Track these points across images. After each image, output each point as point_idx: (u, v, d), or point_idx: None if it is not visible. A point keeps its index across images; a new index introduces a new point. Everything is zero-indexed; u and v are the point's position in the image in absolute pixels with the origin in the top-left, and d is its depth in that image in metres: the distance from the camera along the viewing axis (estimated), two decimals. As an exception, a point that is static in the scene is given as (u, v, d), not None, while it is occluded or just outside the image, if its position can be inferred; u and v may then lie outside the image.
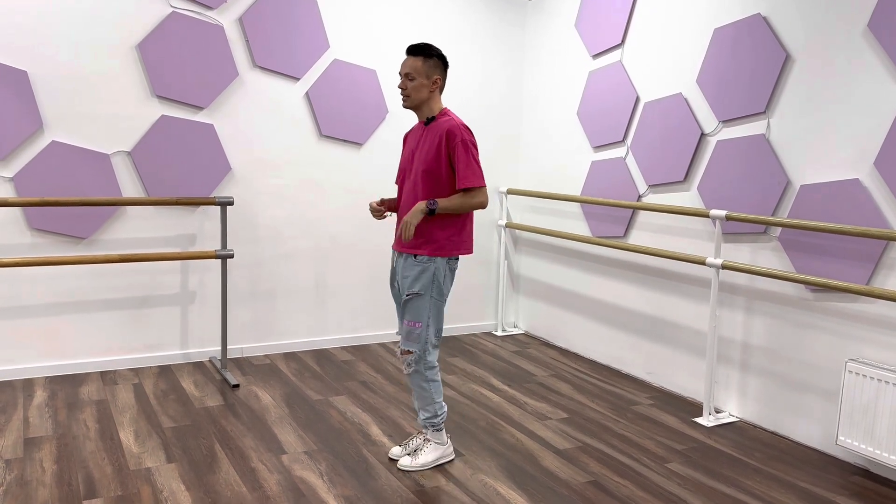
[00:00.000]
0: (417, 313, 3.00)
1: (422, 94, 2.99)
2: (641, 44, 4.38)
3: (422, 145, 3.02)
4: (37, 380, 4.06)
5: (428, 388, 3.06)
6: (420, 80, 2.97)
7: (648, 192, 4.37)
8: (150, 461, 3.08)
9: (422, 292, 2.98)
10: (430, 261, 2.98)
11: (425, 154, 2.99)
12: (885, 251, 3.15)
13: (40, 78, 3.95)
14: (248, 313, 4.65)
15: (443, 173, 2.97)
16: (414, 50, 2.99)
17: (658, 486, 3.02)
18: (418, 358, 3.03)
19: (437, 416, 3.10)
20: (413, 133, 3.15)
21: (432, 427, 3.12)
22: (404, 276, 3.02)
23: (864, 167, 3.21)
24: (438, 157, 2.96)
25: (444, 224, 2.98)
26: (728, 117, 3.82)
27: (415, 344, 3.02)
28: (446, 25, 5.08)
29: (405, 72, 2.98)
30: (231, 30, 4.38)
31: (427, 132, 3.04)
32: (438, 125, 3.00)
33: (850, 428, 3.19)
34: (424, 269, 2.98)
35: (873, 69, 3.17)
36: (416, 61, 2.96)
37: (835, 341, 3.37)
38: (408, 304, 3.01)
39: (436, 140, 2.97)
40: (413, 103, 3.01)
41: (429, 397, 3.08)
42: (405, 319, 3.04)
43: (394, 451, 3.22)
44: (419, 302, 2.99)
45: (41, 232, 4.05)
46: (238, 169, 4.51)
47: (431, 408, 3.09)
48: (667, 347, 4.29)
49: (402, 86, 3.00)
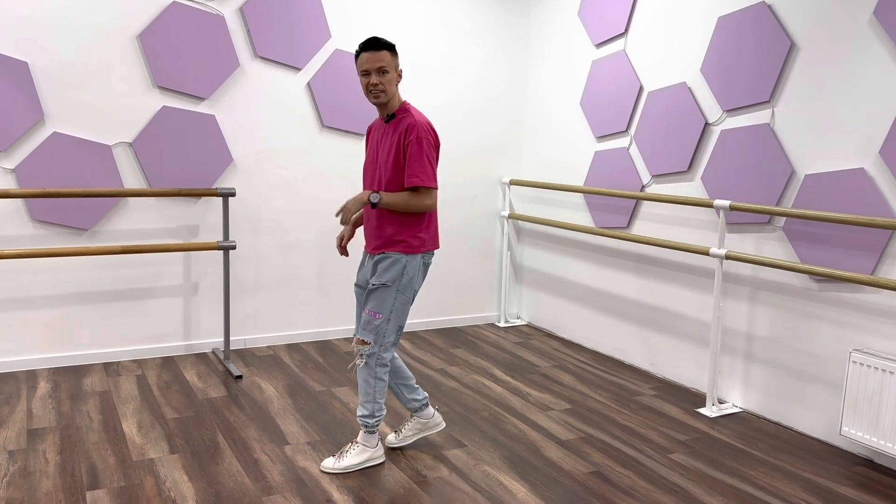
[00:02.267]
0: (380, 304, 2.92)
1: (394, 87, 2.89)
2: (645, 33, 4.35)
3: (383, 144, 2.95)
4: (40, 371, 4.07)
5: (373, 384, 2.97)
6: (392, 73, 2.87)
7: (652, 182, 4.35)
8: (153, 452, 3.08)
9: (388, 283, 2.90)
10: (400, 257, 2.91)
11: (386, 153, 2.91)
12: (889, 241, 3.13)
13: (41, 69, 3.94)
14: (250, 304, 4.65)
15: (401, 172, 2.88)
16: (380, 44, 2.82)
17: (661, 476, 3.02)
18: (372, 352, 2.95)
19: (374, 417, 2.99)
20: (375, 129, 3.05)
21: (365, 428, 3.01)
22: (375, 270, 2.96)
23: (870, 156, 3.19)
24: (398, 155, 2.87)
25: (403, 224, 2.91)
26: (732, 106, 3.79)
27: (371, 334, 2.93)
28: (449, 15, 5.05)
29: (378, 66, 2.81)
30: (232, 20, 4.36)
31: (388, 129, 2.94)
32: (400, 121, 2.90)
33: (853, 418, 3.18)
34: (395, 262, 2.91)
35: (879, 58, 3.14)
36: (385, 54, 2.82)
37: (839, 331, 3.36)
38: (372, 293, 2.92)
39: (396, 137, 2.89)
40: (388, 98, 2.88)
41: (371, 394, 2.97)
42: (367, 308, 2.94)
43: (389, 439, 3.22)
44: (384, 293, 2.91)
45: (43, 223, 4.05)
46: (240, 160, 4.50)
47: (370, 406, 2.98)
48: (670, 338, 4.28)
49: (376, 82, 2.82)
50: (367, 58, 2.82)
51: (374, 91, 2.85)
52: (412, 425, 3.22)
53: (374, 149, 3.01)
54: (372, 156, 3.02)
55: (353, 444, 3.01)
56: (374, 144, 3.02)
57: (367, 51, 2.83)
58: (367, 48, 2.83)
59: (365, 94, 2.90)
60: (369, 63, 2.82)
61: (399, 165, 2.88)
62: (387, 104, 2.92)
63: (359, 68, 2.86)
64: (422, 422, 3.22)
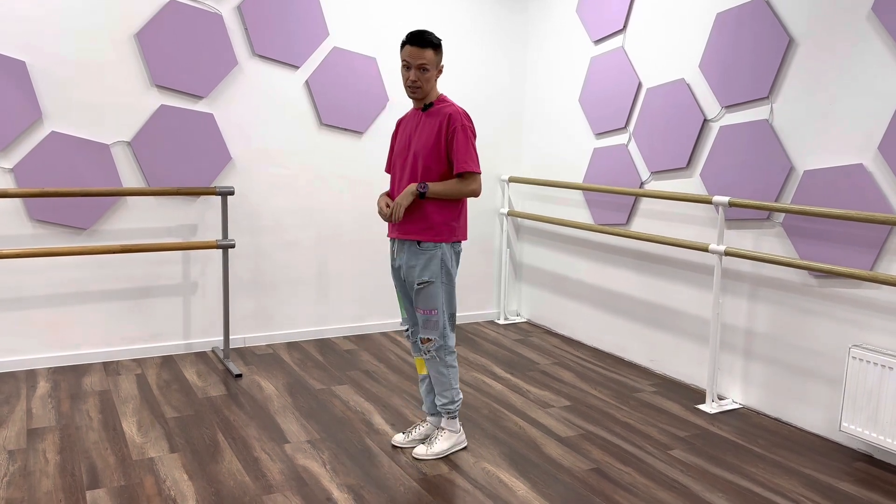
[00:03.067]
0: (431, 301, 2.99)
1: (432, 83, 2.95)
2: (643, 29, 4.35)
3: (420, 131, 2.98)
4: (39, 371, 4.07)
5: (447, 373, 3.07)
6: (432, 71, 2.92)
7: (651, 178, 4.34)
8: (152, 451, 3.08)
9: (432, 280, 2.97)
10: (436, 247, 2.96)
11: (425, 140, 2.95)
12: (889, 237, 3.13)
13: (39, 68, 3.93)
14: (250, 303, 4.64)
15: (442, 159, 2.95)
16: (425, 41, 2.87)
17: (661, 472, 3.02)
18: (439, 345, 3.03)
19: (454, 403, 3.11)
20: (408, 120, 3.10)
21: (448, 414, 3.12)
22: (410, 266, 3.00)
23: (869, 152, 3.19)
24: (438, 142, 2.93)
25: (441, 209, 2.96)
26: (731, 103, 3.79)
27: (433, 331, 3.02)
28: (447, 12, 5.04)
29: (419, 63, 2.87)
30: (230, 18, 4.35)
31: (426, 118, 2.99)
32: (438, 111, 2.97)
33: (853, 414, 3.18)
34: (431, 257, 2.96)
35: (877, 53, 3.14)
36: (429, 52, 2.88)
37: (838, 327, 3.36)
38: (420, 293, 2.99)
39: (436, 125, 2.94)
40: (424, 94, 2.95)
41: (447, 383, 3.08)
42: (420, 308, 3.02)
43: (396, 438, 3.22)
44: (431, 290, 2.98)
45: (42, 223, 4.04)
46: (238, 158, 4.49)
47: (449, 393, 3.09)
48: (669, 334, 4.28)
49: (414, 78, 2.89)
50: (410, 52, 2.88)
51: (412, 86, 2.91)
52: (423, 430, 3.22)
53: (406, 138, 3.04)
54: (404, 144, 3.04)
55: (440, 431, 3.13)
56: (405, 134, 3.06)
57: (412, 45, 2.88)
58: (413, 42, 2.87)
59: (404, 85, 2.96)
60: (411, 58, 2.88)
61: (439, 152, 2.93)
62: (424, 97, 2.98)
63: (402, 58, 2.92)
64: (433, 428, 3.23)
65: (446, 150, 2.94)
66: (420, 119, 3.02)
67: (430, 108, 3.00)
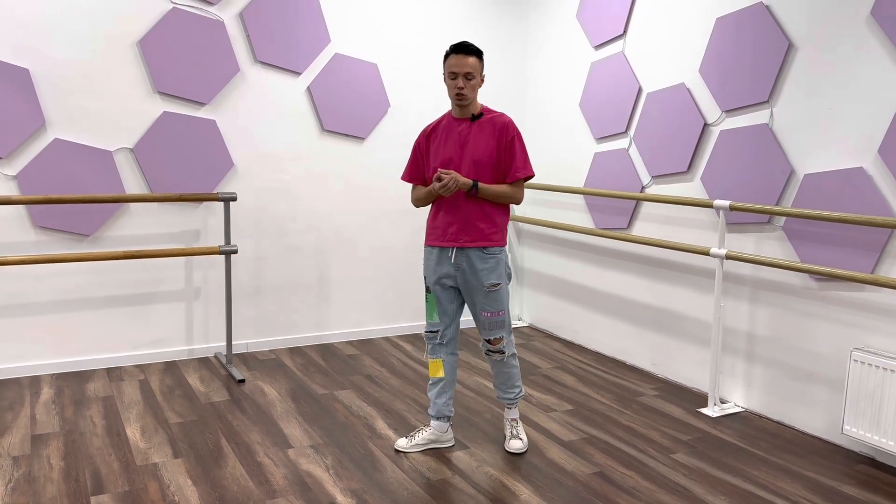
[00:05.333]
0: (500, 302, 3.11)
1: (476, 91, 3.04)
2: (643, 34, 4.36)
3: (475, 141, 3.05)
4: (43, 377, 4.08)
5: (516, 364, 3.25)
6: (477, 79, 3.01)
7: (652, 182, 4.36)
8: (156, 456, 3.09)
9: (499, 282, 3.09)
10: (500, 251, 3.10)
11: (483, 149, 3.03)
12: (889, 239, 3.14)
13: (42, 76, 3.96)
14: (252, 308, 4.66)
15: (500, 167, 3.06)
16: (469, 49, 2.98)
17: (664, 476, 3.02)
18: (508, 342, 3.17)
19: (522, 391, 3.31)
20: (446, 130, 3.11)
21: (516, 403, 3.30)
22: (478, 271, 3.06)
23: (869, 155, 3.20)
24: (498, 151, 3.04)
25: (501, 215, 3.11)
26: (731, 107, 3.80)
27: (502, 330, 3.15)
28: (448, 17, 5.07)
29: (466, 71, 2.95)
30: (232, 25, 4.37)
31: (477, 128, 3.06)
32: (489, 121, 3.06)
33: (855, 417, 3.18)
34: (498, 261, 3.09)
35: (877, 57, 3.15)
36: (474, 60, 2.97)
37: (840, 330, 3.37)
38: (489, 296, 3.09)
39: (493, 135, 3.04)
40: (468, 102, 3.02)
41: (516, 374, 3.25)
42: (488, 311, 3.10)
43: (399, 443, 3.23)
44: (500, 292, 3.11)
45: (45, 229, 4.06)
46: (240, 164, 4.51)
47: (518, 383, 3.28)
48: (671, 338, 4.29)
49: (462, 85, 2.97)
50: (455, 61, 2.97)
51: (458, 94, 2.99)
52: (426, 435, 3.23)
53: (454, 147, 3.07)
54: (453, 154, 3.07)
55: (515, 423, 3.29)
56: (450, 144, 3.08)
57: (456, 54, 2.98)
58: (457, 51, 2.97)
59: (449, 94, 3.04)
60: (458, 66, 2.96)
61: (499, 161, 3.04)
62: (469, 106, 3.06)
63: (447, 70, 3.00)
64: (437, 433, 3.24)
65: (503, 158, 3.05)
66: (470, 129, 3.07)
67: (479, 119, 3.07)
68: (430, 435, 3.23)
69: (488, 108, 3.13)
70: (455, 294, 3.18)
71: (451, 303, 3.18)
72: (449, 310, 3.18)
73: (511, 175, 3.05)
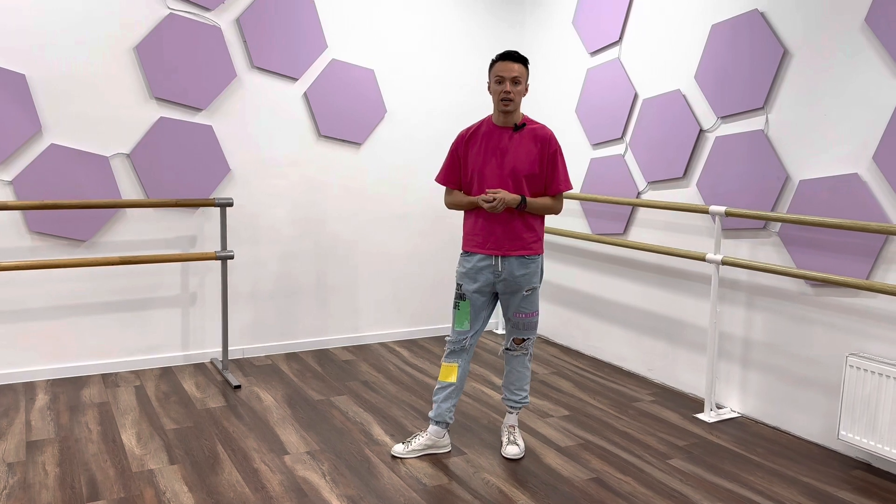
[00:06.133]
0: (535, 304, 3.22)
1: (520, 98, 3.08)
2: (639, 40, 4.38)
3: (516, 151, 3.08)
4: (38, 383, 4.06)
5: (530, 367, 3.34)
6: (523, 85, 3.06)
7: (648, 188, 4.37)
8: (152, 463, 3.08)
9: (537, 285, 3.21)
10: (538, 258, 3.19)
11: (524, 158, 3.08)
12: (884, 245, 3.15)
13: (39, 81, 3.95)
14: (248, 314, 4.65)
15: (541, 179, 3.11)
16: (518, 57, 3.03)
17: (660, 482, 3.02)
18: (532, 342, 3.29)
19: (528, 398, 3.37)
20: (486, 136, 3.13)
21: (519, 409, 3.36)
22: (519, 276, 3.13)
23: (863, 161, 3.22)
24: (541, 163, 3.09)
25: (540, 225, 3.19)
26: (726, 113, 3.82)
27: (532, 331, 3.26)
28: (444, 24, 5.08)
29: (513, 76, 3.00)
30: (229, 31, 4.38)
31: (519, 138, 3.10)
32: (532, 131, 3.11)
33: (851, 422, 3.19)
34: (537, 266, 3.18)
35: (871, 64, 3.17)
36: (521, 67, 3.03)
37: (835, 336, 3.38)
38: (526, 299, 3.18)
39: (535, 146, 3.09)
40: (514, 108, 3.05)
41: (528, 376, 3.33)
42: (524, 312, 3.19)
43: (396, 448, 3.22)
44: (535, 294, 3.21)
45: (41, 235, 4.05)
46: (237, 170, 4.51)
47: (527, 386, 3.34)
48: (668, 344, 4.29)
49: (508, 90, 3.01)
50: (502, 67, 3.02)
51: (505, 98, 3.02)
52: (423, 440, 3.23)
53: (494, 155, 3.11)
54: (495, 162, 3.10)
55: (513, 430, 3.33)
56: (490, 150, 3.12)
57: (503, 60, 3.04)
58: (504, 58, 3.04)
59: (495, 101, 3.08)
60: (504, 72, 3.01)
61: (541, 172, 3.10)
62: (513, 113, 3.09)
63: (493, 75, 3.05)
64: (434, 439, 3.24)
65: (545, 170, 3.11)
66: (512, 138, 3.10)
67: (522, 129, 3.11)
68: (427, 440, 3.23)
69: (530, 119, 3.17)
70: (490, 300, 3.23)
71: (485, 309, 3.23)
72: (482, 316, 3.22)
73: (553, 188, 3.12)
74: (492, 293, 3.21)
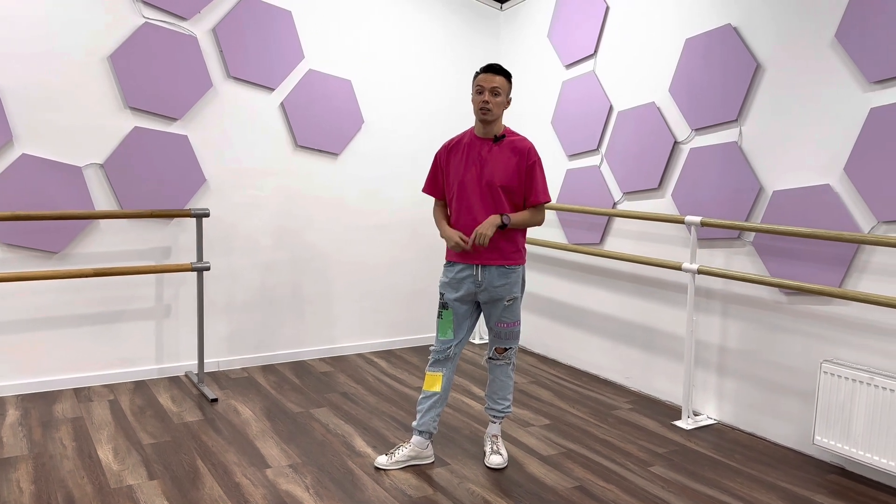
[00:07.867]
0: (516, 313, 3.24)
1: (500, 110, 3.11)
2: (614, 54, 4.45)
3: (495, 163, 3.11)
4: (8, 398, 3.96)
5: (513, 376, 3.35)
6: (503, 97, 3.09)
7: (623, 199, 4.43)
8: (131, 478, 3.02)
9: (517, 295, 3.22)
10: (519, 268, 3.20)
11: (502, 171, 3.10)
12: (856, 254, 3.24)
13: (10, 90, 3.87)
14: (224, 326, 4.59)
15: (519, 190, 3.13)
16: (499, 69, 3.08)
17: (642, 489, 3.05)
18: (514, 351, 3.30)
19: (511, 407, 3.38)
20: (467, 147, 3.17)
21: (503, 419, 3.36)
22: (499, 286, 3.14)
23: (835, 173, 3.30)
24: (518, 175, 3.11)
25: (521, 236, 3.21)
26: (700, 125, 3.90)
27: (514, 340, 3.28)
28: (420, 36, 5.10)
29: (492, 86, 3.05)
30: (204, 40, 4.34)
31: (498, 149, 3.12)
32: (511, 143, 3.14)
33: (826, 428, 3.26)
34: (517, 277, 3.19)
35: (841, 78, 3.26)
36: (502, 80, 3.07)
37: (809, 343, 3.45)
38: (507, 309, 3.20)
39: (514, 157, 3.11)
40: (493, 118, 3.09)
41: (511, 386, 3.34)
42: (505, 322, 3.21)
43: (379, 460, 3.21)
44: (516, 304, 3.23)
45: (12, 247, 3.96)
46: (213, 180, 4.47)
47: (510, 396, 3.35)
48: (644, 352, 4.34)
49: (487, 100, 3.05)
50: (483, 78, 3.08)
51: (483, 108, 3.07)
52: (406, 451, 3.22)
53: (473, 166, 3.14)
54: (473, 173, 3.13)
55: (496, 439, 3.34)
56: (470, 162, 3.15)
57: (485, 72, 3.08)
58: (486, 70, 3.09)
59: (475, 110, 3.12)
60: (485, 82, 3.07)
61: (519, 184, 3.13)
62: (492, 124, 3.13)
63: (474, 86, 3.11)
64: (417, 450, 3.23)
65: (523, 181, 3.13)
66: (491, 149, 3.13)
67: (502, 140, 3.14)
68: (411, 451, 3.22)
69: (511, 131, 3.20)
70: (473, 309, 3.24)
71: (468, 318, 3.23)
72: (465, 325, 3.23)
73: (532, 199, 3.14)
74: (474, 303, 3.23)
